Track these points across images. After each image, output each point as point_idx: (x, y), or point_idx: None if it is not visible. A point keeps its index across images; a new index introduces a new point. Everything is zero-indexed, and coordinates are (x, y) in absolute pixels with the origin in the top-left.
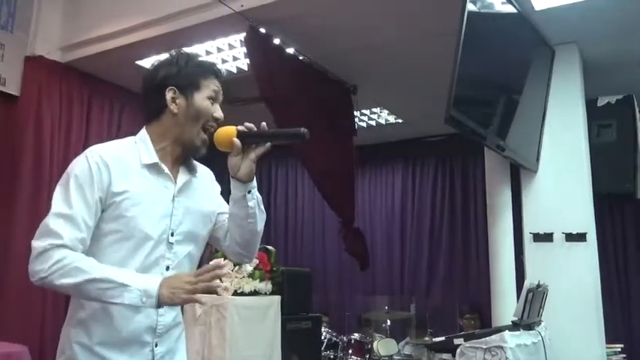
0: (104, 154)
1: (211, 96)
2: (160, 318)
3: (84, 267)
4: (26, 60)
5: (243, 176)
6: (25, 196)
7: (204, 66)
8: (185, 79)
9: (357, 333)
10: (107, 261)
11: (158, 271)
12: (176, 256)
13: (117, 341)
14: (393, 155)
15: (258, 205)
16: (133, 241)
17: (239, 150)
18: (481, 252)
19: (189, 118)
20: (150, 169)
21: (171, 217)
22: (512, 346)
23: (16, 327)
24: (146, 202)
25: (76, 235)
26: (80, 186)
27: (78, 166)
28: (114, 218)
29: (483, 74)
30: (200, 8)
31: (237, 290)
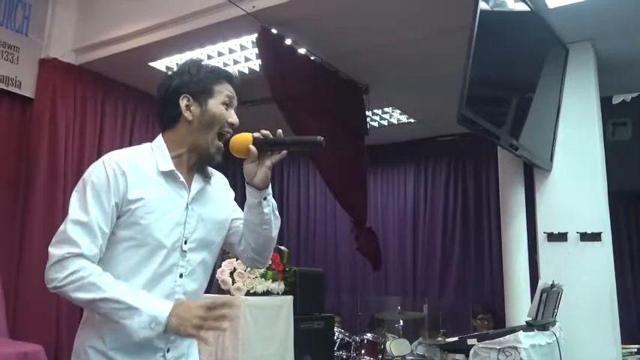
0: (121, 161)
1: (225, 102)
2: None
3: (99, 283)
4: (41, 62)
5: (258, 183)
6: (40, 198)
7: (217, 72)
8: (198, 86)
9: (370, 333)
10: (121, 267)
11: (172, 279)
12: (189, 263)
13: (130, 347)
14: (405, 155)
15: (273, 212)
16: (146, 249)
17: (255, 157)
18: (494, 252)
19: (204, 124)
20: (166, 176)
21: (184, 225)
22: (526, 347)
23: (31, 327)
24: (161, 210)
25: (92, 244)
26: (97, 193)
27: (95, 172)
28: (128, 225)
29: (496, 73)
30: (212, 10)
31: (250, 290)
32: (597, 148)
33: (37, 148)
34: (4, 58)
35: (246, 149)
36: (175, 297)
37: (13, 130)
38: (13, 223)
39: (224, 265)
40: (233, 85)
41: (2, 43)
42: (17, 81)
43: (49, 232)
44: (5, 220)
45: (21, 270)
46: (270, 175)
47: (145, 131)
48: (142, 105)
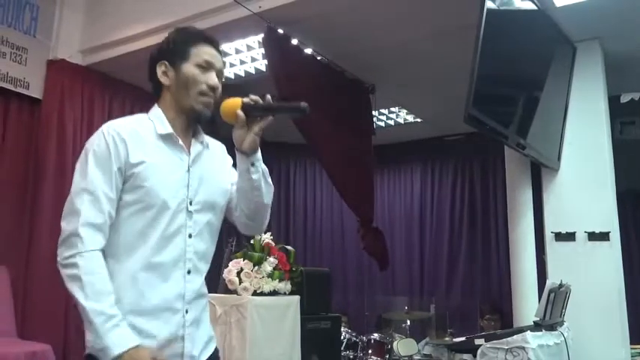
0: (120, 128)
1: (200, 63)
2: (188, 285)
3: (87, 283)
4: (49, 64)
5: (247, 148)
6: (48, 199)
7: (194, 35)
8: (174, 51)
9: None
10: (129, 232)
11: (181, 239)
12: (197, 224)
13: (149, 310)
14: (412, 155)
15: (264, 178)
16: (152, 212)
17: (243, 122)
18: (502, 252)
19: (180, 87)
20: (165, 140)
21: (188, 187)
22: (534, 347)
23: (40, 327)
24: (163, 172)
25: (98, 211)
26: (99, 160)
27: (95, 142)
28: (133, 189)
29: (503, 72)
30: (218, 10)
31: (257, 290)
32: (605, 147)
33: (45, 149)
34: (12, 60)
35: (234, 114)
36: (187, 257)
37: (21, 131)
38: (21, 224)
39: (231, 265)
40: (214, 46)
41: (10, 44)
42: (25, 82)
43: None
44: (13, 220)
45: (29, 270)
46: (257, 141)
47: None
48: (148, 105)
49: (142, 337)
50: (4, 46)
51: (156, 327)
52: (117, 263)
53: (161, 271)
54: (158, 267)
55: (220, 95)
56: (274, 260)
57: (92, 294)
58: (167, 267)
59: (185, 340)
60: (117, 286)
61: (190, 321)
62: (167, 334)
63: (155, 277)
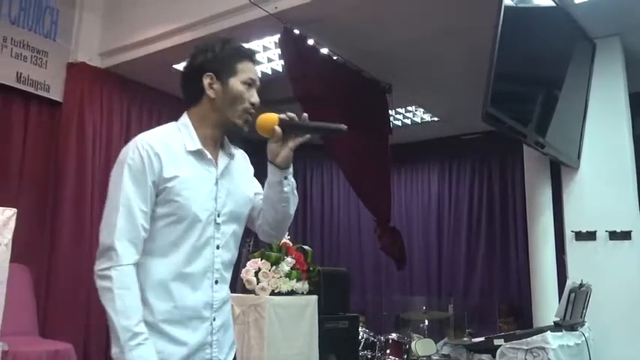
0: (153, 142)
1: (246, 81)
2: (216, 294)
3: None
4: (68, 67)
5: (281, 162)
6: (69, 200)
7: (241, 51)
8: (221, 65)
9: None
10: (162, 242)
11: (210, 251)
12: (224, 235)
13: (180, 318)
14: (430, 154)
15: (292, 190)
16: (184, 224)
17: (279, 137)
18: (520, 251)
19: (226, 102)
20: (194, 155)
21: (216, 199)
22: (554, 347)
23: (62, 326)
24: (194, 186)
25: (133, 226)
26: (134, 174)
27: (130, 155)
28: (166, 202)
29: (521, 70)
30: (234, 11)
31: (275, 290)
32: (626, 144)
33: (66, 151)
34: (33, 63)
35: (271, 129)
36: (214, 267)
37: (42, 133)
38: (42, 224)
39: (249, 265)
40: (255, 64)
41: (31, 48)
42: (46, 85)
43: (77, 233)
44: (35, 221)
45: (51, 270)
46: (292, 156)
47: None
48: (166, 107)
49: (175, 344)
50: (25, 49)
51: (186, 335)
52: (151, 269)
53: (191, 281)
54: (189, 277)
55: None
56: (292, 260)
57: (122, 310)
58: (197, 277)
59: (213, 346)
60: (150, 295)
61: (218, 327)
62: (197, 342)
63: (186, 286)
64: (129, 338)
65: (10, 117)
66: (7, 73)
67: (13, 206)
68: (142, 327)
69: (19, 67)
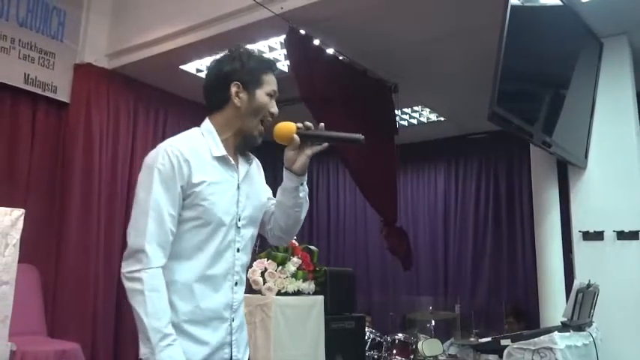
0: (182, 148)
1: (270, 92)
2: (235, 295)
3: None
4: (75, 68)
5: (297, 170)
6: (76, 200)
7: (266, 63)
8: (248, 75)
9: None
10: (187, 245)
11: (231, 254)
12: (243, 238)
13: (201, 318)
14: (436, 153)
15: (305, 196)
16: (210, 227)
17: (296, 145)
18: (527, 251)
19: (250, 111)
20: (219, 160)
21: (237, 203)
22: (561, 348)
23: (69, 326)
24: (219, 191)
25: (161, 231)
26: (163, 179)
27: (160, 160)
28: (193, 206)
29: (528, 69)
30: (241, 12)
31: (281, 290)
32: (634, 144)
33: (73, 151)
34: (40, 64)
35: (289, 138)
36: (235, 269)
37: (49, 134)
38: (50, 225)
39: (255, 265)
40: (275, 76)
41: (39, 49)
42: (53, 86)
43: (84, 233)
44: (43, 221)
45: (59, 271)
46: (308, 163)
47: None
48: (172, 108)
49: (197, 343)
50: (33, 51)
51: (208, 334)
52: (175, 271)
53: (213, 282)
54: (211, 279)
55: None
56: (298, 260)
57: (152, 312)
58: (218, 279)
59: (232, 346)
60: (175, 295)
61: (236, 328)
62: (217, 341)
63: (208, 288)
64: (160, 339)
65: (18, 118)
66: (15, 74)
67: (21, 207)
68: (170, 328)
69: (27, 68)
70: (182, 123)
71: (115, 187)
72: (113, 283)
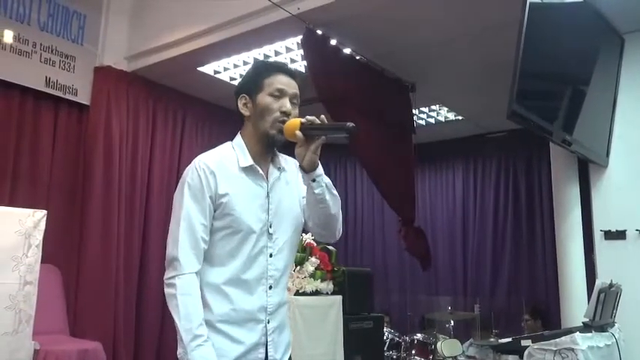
0: (209, 162)
1: (273, 93)
2: (270, 299)
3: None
4: (95, 70)
5: (306, 166)
6: (97, 200)
7: (267, 66)
8: (250, 84)
9: (420, 333)
10: (221, 252)
11: (264, 259)
12: (276, 244)
13: (237, 319)
14: (454, 153)
15: (328, 190)
16: (240, 235)
17: (302, 141)
18: (548, 251)
19: (258, 116)
20: (247, 171)
21: (268, 211)
22: (583, 348)
23: (90, 325)
24: (246, 200)
25: (194, 239)
26: (193, 192)
27: (189, 175)
28: (222, 216)
29: (547, 66)
30: (258, 13)
31: (299, 290)
32: None
33: (93, 153)
34: (61, 68)
35: (294, 134)
36: (268, 274)
37: (70, 136)
38: (71, 225)
39: None
40: (290, 75)
41: (60, 53)
42: (74, 89)
43: (105, 234)
44: (65, 222)
45: (80, 271)
46: (316, 159)
47: (195, 134)
48: (191, 109)
49: (232, 342)
50: (54, 54)
51: (242, 334)
52: (210, 276)
53: (247, 286)
54: (245, 283)
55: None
56: (316, 260)
57: (184, 314)
58: (252, 283)
59: (268, 346)
60: (210, 298)
61: (272, 329)
62: (253, 341)
63: (243, 291)
64: (191, 340)
65: (39, 121)
66: (36, 77)
67: (43, 208)
68: (202, 330)
69: (48, 71)
70: (200, 124)
71: (134, 187)
72: (133, 282)
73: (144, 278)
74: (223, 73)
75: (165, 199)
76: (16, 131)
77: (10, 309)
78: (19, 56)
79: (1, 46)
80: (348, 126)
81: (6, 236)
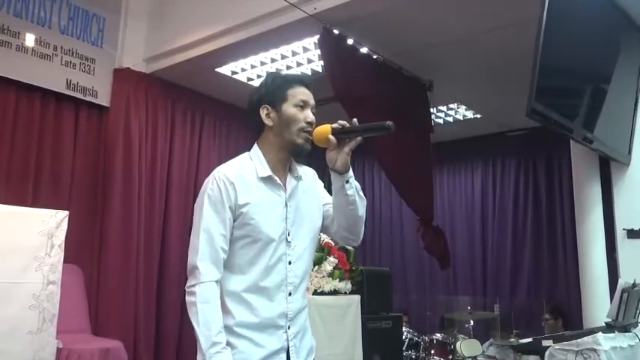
0: (228, 173)
1: (298, 104)
2: (290, 305)
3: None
4: (115, 72)
5: (339, 168)
6: (117, 201)
7: (290, 78)
8: (273, 95)
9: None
10: (241, 260)
11: (283, 266)
12: (295, 251)
13: (257, 325)
14: (473, 151)
15: (357, 193)
16: (259, 244)
17: (334, 145)
18: (569, 250)
19: (283, 126)
20: (265, 181)
21: (286, 220)
22: (606, 349)
23: (112, 324)
24: (265, 210)
25: (213, 249)
26: (213, 203)
27: (209, 186)
28: (242, 226)
29: (567, 63)
30: (274, 14)
31: (318, 289)
32: None
33: (113, 154)
34: (81, 70)
35: (326, 139)
36: (288, 281)
37: (91, 137)
38: (93, 225)
39: None
40: (308, 87)
41: (80, 55)
42: (94, 91)
43: (126, 234)
44: (86, 222)
45: (101, 271)
46: (349, 160)
47: (213, 135)
48: (209, 110)
49: (255, 345)
50: (74, 57)
51: (264, 339)
52: (231, 284)
53: (267, 293)
54: (265, 290)
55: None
56: (334, 260)
57: (204, 322)
58: (272, 290)
59: (290, 351)
60: (232, 304)
61: (293, 334)
62: (274, 346)
63: (263, 298)
64: (210, 346)
65: (61, 122)
66: (57, 80)
67: (64, 208)
68: (221, 337)
69: (69, 74)
70: (218, 124)
71: (154, 188)
72: (153, 282)
73: (163, 278)
74: (241, 73)
75: (184, 198)
76: (38, 133)
77: (34, 308)
78: (41, 59)
79: (24, 50)
80: (388, 125)
81: (29, 236)
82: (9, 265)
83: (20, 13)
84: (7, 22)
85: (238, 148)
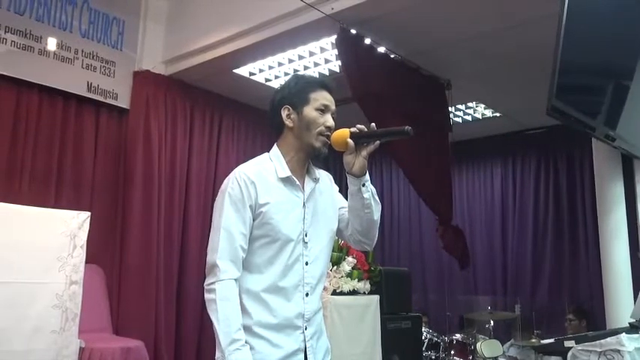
0: (249, 172)
1: (319, 107)
2: (307, 306)
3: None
4: (134, 75)
5: (357, 171)
6: (137, 202)
7: (313, 82)
8: (295, 97)
9: (459, 333)
10: (259, 260)
11: (300, 267)
12: (312, 253)
13: (275, 325)
14: (492, 150)
15: (373, 196)
16: (278, 244)
17: (352, 149)
18: (590, 250)
19: (303, 128)
20: (284, 181)
21: (303, 221)
22: (630, 350)
23: (133, 324)
24: (284, 210)
25: (232, 248)
26: (234, 202)
27: (230, 185)
28: (261, 225)
29: (588, 59)
30: (292, 14)
31: (337, 290)
32: None
33: (133, 155)
34: (102, 73)
35: (344, 143)
36: (305, 281)
37: (111, 139)
38: (113, 226)
39: None
40: (330, 92)
41: (100, 58)
42: (114, 93)
43: (146, 235)
44: (107, 222)
45: (122, 271)
46: (366, 164)
47: (231, 136)
48: (227, 111)
49: (272, 346)
50: (95, 60)
51: (281, 339)
52: (249, 283)
53: (285, 293)
54: (282, 290)
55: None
56: (353, 260)
57: (223, 319)
58: (289, 290)
59: (307, 352)
60: (250, 304)
61: (310, 335)
62: (292, 347)
63: (281, 298)
64: (229, 344)
65: (82, 125)
66: (78, 83)
67: (86, 209)
68: (240, 334)
69: (90, 77)
70: (236, 125)
71: (173, 189)
72: (173, 282)
73: (183, 279)
74: (258, 74)
75: (203, 199)
76: (60, 135)
77: (58, 307)
78: (62, 63)
79: (46, 54)
80: (407, 130)
81: (52, 237)
82: (33, 265)
83: (42, 17)
84: (29, 27)
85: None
